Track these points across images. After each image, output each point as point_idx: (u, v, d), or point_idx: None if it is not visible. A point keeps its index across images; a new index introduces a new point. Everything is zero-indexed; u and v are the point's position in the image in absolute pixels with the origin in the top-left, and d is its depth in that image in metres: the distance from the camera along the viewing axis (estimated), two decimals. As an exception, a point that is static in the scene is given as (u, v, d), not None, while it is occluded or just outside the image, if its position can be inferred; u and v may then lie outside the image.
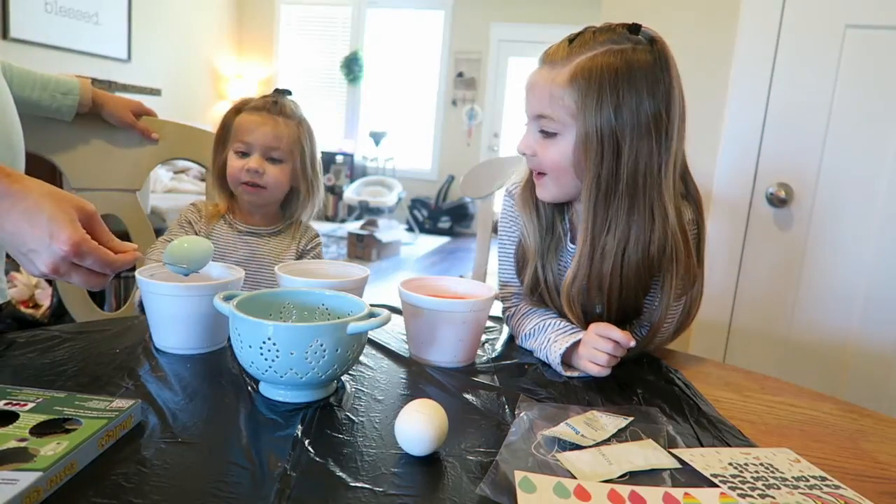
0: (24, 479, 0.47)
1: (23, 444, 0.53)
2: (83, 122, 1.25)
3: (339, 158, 6.98)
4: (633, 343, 0.85)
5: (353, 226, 5.73)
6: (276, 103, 1.18)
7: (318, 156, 1.26)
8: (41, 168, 1.18)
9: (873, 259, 1.63)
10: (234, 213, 1.22)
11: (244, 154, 1.16)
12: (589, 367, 0.85)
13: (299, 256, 1.23)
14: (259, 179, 1.15)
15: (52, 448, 0.52)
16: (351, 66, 7.10)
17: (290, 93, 1.23)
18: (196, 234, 1.17)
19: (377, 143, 6.88)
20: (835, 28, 1.59)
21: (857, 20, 1.58)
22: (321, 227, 6.44)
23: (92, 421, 0.57)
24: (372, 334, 0.95)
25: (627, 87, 0.83)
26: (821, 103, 1.63)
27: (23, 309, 2.16)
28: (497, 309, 1.20)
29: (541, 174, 0.92)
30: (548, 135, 0.89)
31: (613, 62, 0.84)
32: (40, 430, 0.55)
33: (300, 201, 1.23)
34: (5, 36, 4.27)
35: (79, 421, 0.57)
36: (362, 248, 5.25)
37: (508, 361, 0.90)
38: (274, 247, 1.20)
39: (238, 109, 1.19)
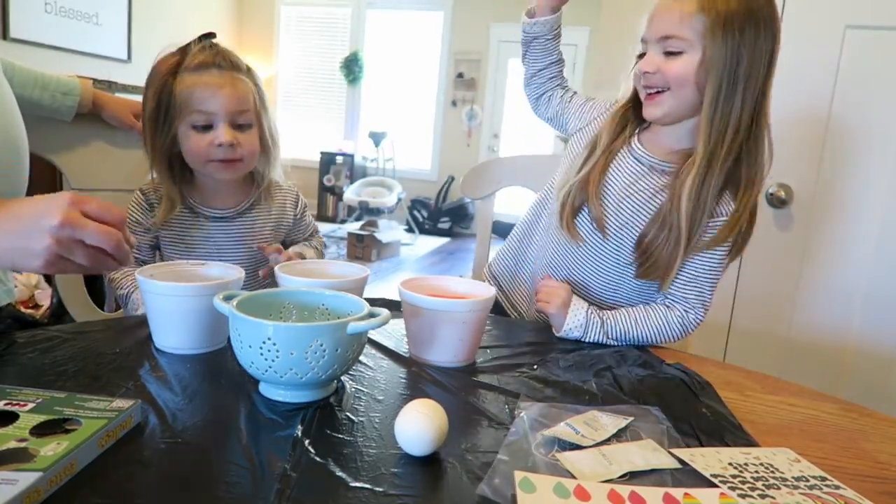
0: (24, 479, 0.47)
1: (23, 445, 0.52)
2: (83, 123, 1.25)
3: (339, 159, 6.98)
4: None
5: (353, 226, 5.73)
6: (220, 54, 1.00)
7: (266, 101, 1.10)
8: (41, 168, 1.19)
9: (873, 259, 1.63)
10: (194, 194, 1.06)
11: (205, 127, 0.99)
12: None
13: (294, 226, 1.15)
14: (234, 153, 1.00)
15: (51, 448, 0.52)
16: (351, 67, 7.10)
17: (215, 35, 1.05)
18: (154, 237, 1.06)
19: (377, 143, 6.88)
20: (835, 28, 1.59)
21: (857, 20, 1.58)
22: (321, 227, 6.42)
23: (92, 421, 0.57)
24: (372, 334, 0.94)
25: (749, 20, 0.94)
26: (821, 103, 1.63)
27: (23, 309, 2.16)
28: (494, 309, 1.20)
29: (659, 92, 1.00)
30: (672, 54, 0.97)
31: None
32: (40, 431, 0.55)
33: (268, 160, 1.09)
34: (5, 36, 4.27)
35: (79, 421, 0.57)
36: (362, 248, 5.25)
37: (508, 361, 0.90)
38: (249, 227, 1.09)
39: (173, 72, 0.99)
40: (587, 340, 1.01)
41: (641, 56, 1.02)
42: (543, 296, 1.04)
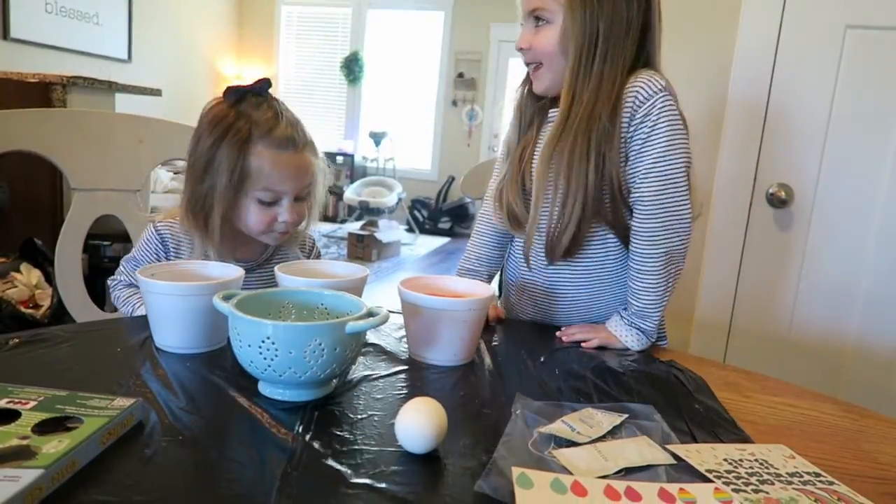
0: (27, 476, 0.47)
1: (25, 442, 0.53)
2: (83, 122, 1.25)
3: (340, 159, 6.98)
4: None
5: (353, 226, 5.73)
6: (296, 129, 0.98)
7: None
8: (41, 168, 1.19)
9: (873, 259, 1.63)
10: (214, 241, 1.01)
11: (271, 203, 0.98)
12: None
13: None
14: (292, 228, 1.02)
15: (53, 446, 0.52)
16: (351, 67, 7.10)
17: (270, 84, 1.01)
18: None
19: (377, 143, 6.89)
20: (835, 28, 1.59)
21: (857, 20, 1.58)
22: (322, 227, 6.44)
23: (93, 419, 0.57)
24: (371, 333, 0.95)
25: None
26: (821, 103, 1.63)
27: (23, 309, 2.16)
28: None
29: (537, 68, 1.02)
30: (540, 24, 1.00)
31: None
32: (42, 429, 0.55)
33: (307, 220, 1.08)
34: (5, 36, 4.27)
35: (80, 419, 0.57)
36: (362, 248, 5.25)
37: (506, 360, 0.90)
38: (270, 272, 1.03)
39: (248, 135, 0.94)
40: (652, 340, 1.02)
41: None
42: (582, 336, 1.01)
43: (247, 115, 0.96)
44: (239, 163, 0.94)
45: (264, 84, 0.99)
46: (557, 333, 1.03)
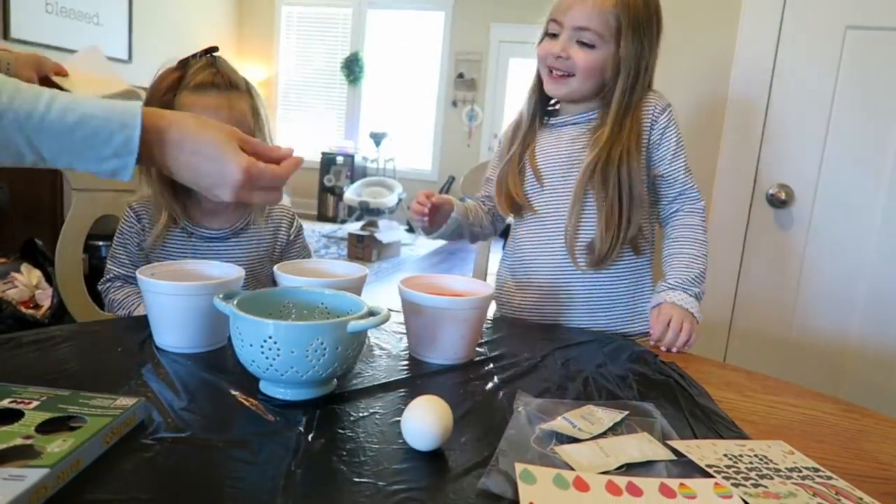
0: (31, 475, 0.48)
1: (28, 442, 0.53)
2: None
3: (340, 159, 6.98)
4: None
5: (354, 226, 5.73)
6: (220, 73, 1.01)
7: (267, 115, 1.13)
8: (41, 168, 1.20)
9: (873, 260, 1.63)
10: (189, 214, 1.05)
11: None
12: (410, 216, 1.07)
13: (287, 247, 1.15)
14: None
15: (57, 445, 0.52)
16: (351, 67, 7.10)
17: (217, 49, 1.06)
18: (146, 254, 1.04)
19: (377, 143, 6.89)
20: (835, 28, 1.59)
21: (857, 21, 1.58)
22: (322, 227, 6.44)
23: (96, 419, 0.57)
24: (371, 333, 0.95)
25: (651, 19, 1.07)
26: (821, 104, 1.63)
27: (23, 309, 2.16)
28: (492, 309, 1.21)
29: (566, 75, 1.09)
30: (584, 44, 1.06)
31: (646, 7, 1.06)
32: (45, 428, 0.55)
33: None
34: (6, 36, 4.27)
35: (83, 419, 0.57)
36: (362, 248, 5.25)
37: (507, 358, 0.90)
38: (244, 248, 1.09)
39: (173, 89, 0.99)
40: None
41: (551, 35, 1.09)
42: (677, 339, 1.03)
43: (180, 70, 1.03)
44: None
45: (212, 48, 1.05)
46: (659, 346, 1.03)
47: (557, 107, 1.20)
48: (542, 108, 1.19)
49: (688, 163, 1.13)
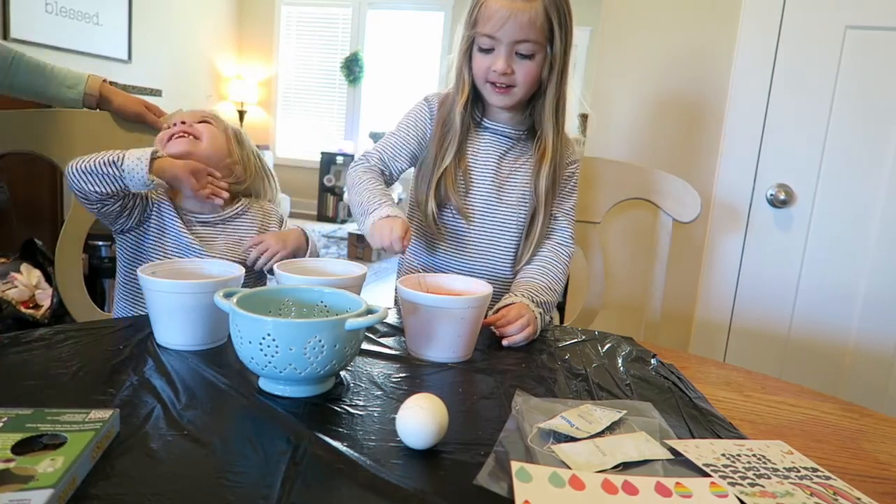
0: (37, 498, 0.46)
1: (9, 465, 0.50)
2: (83, 122, 1.25)
3: (340, 159, 6.98)
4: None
5: (354, 226, 5.73)
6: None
7: (250, 143, 1.29)
8: (41, 168, 1.21)
9: (873, 259, 1.63)
10: (179, 201, 1.17)
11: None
12: (372, 240, 1.03)
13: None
14: (189, 128, 1.17)
15: (48, 465, 0.50)
16: (351, 67, 7.10)
17: None
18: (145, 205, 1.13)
19: (377, 143, 6.88)
20: (835, 28, 1.59)
21: (857, 21, 1.58)
22: (322, 227, 6.44)
23: (77, 435, 0.55)
24: (369, 331, 0.95)
25: (569, 10, 1.09)
26: (821, 104, 1.63)
27: (23, 309, 2.16)
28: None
29: (509, 87, 1.10)
30: (524, 56, 1.07)
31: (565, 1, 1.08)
32: (20, 450, 0.52)
33: (245, 179, 1.23)
34: (6, 36, 4.27)
35: (59, 436, 0.54)
36: (362, 248, 5.26)
37: (505, 357, 0.91)
38: (231, 233, 1.17)
39: None
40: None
41: (485, 50, 1.09)
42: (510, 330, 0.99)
43: None
44: None
45: None
46: (505, 342, 0.97)
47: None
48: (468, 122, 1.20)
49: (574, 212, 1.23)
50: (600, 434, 0.67)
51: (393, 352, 0.89)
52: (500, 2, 1.04)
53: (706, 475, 0.60)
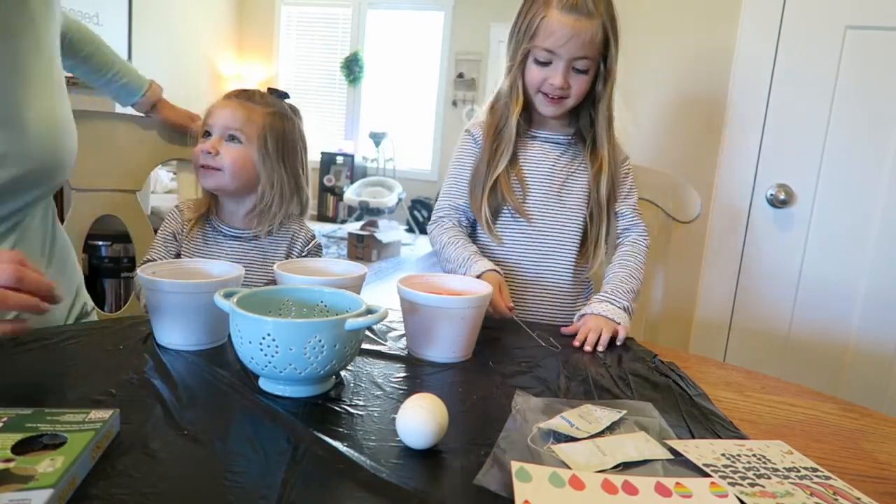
0: (37, 498, 0.46)
1: (9, 465, 0.50)
2: (83, 122, 1.25)
3: (340, 159, 6.98)
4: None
5: (354, 226, 5.73)
6: (246, 91, 1.15)
7: (299, 151, 1.17)
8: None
9: (873, 259, 1.63)
10: (218, 213, 1.16)
11: (207, 135, 1.11)
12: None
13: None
14: (213, 161, 1.07)
15: (48, 465, 0.50)
16: (351, 67, 7.11)
17: (286, 95, 1.19)
18: (179, 246, 1.13)
19: (377, 143, 6.89)
20: (835, 28, 1.59)
21: (857, 21, 1.58)
22: (322, 227, 6.44)
23: (77, 435, 0.54)
24: (369, 331, 0.95)
25: (618, 30, 1.13)
26: (821, 104, 1.63)
27: (22, 308, 2.16)
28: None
29: (561, 98, 1.14)
30: (579, 71, 1.12)
31: (616, 13, 1.12)
32: (20, 449, 0.52)
33: (277, 199, 1.13)
34: (6, 36, 4.27)
35: (59, 436, 0.54)
36: (362, 248, 5.25)
37: (505, 356, 0.91)
38: (261, 251, 1.14)
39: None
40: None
41: (542, 63, 1.12)
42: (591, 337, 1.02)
43: None
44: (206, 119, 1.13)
45: (275, 90, 1.19)
46: (577, 343, 1.00)
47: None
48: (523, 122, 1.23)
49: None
50: (600, 434, 0.67)
51: (393, 352, 0.89)
52: (564, 19, 1.07)
53: (706, 475, 0.60)
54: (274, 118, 1.12)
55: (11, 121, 0.83)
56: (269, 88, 1.18)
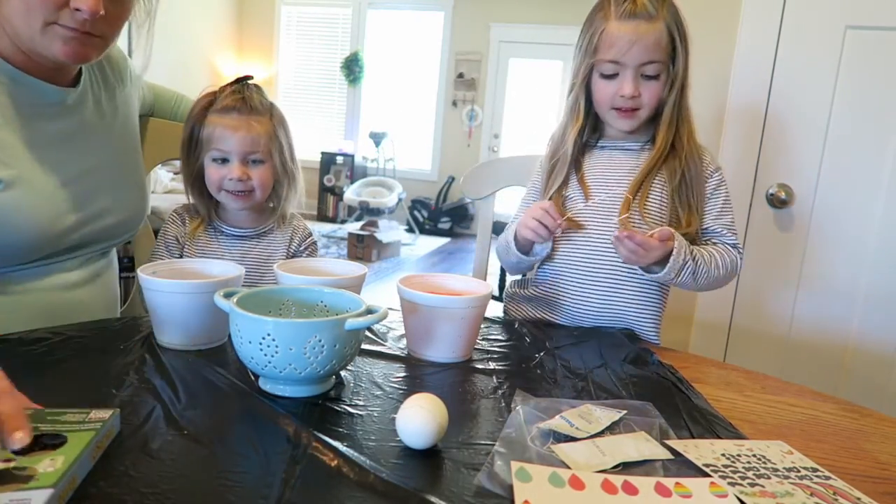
0: (37, 497, 0.45)
1: (10, 465, 0.49)
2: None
3: (340, 159, 6.98)
4: (560, 222, 1.03)
5: (354, 226, 5.73)
6: (243, 100, 1.12)
7: (293, 142, 1.19)
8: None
9: (873, 259, 1.63)
10: (219, 215, 1.17)
11: (223, 160, 1.10)
12: (522, 231, 1.08)
13: (290, 258, 1.20)
14: (245, 187, 1.11)
15: (48, 465, 0.49)
16: (351, 67, 7.11)
17: (251, 78, 1.17)
18: (182, 248, 1.14)
19: (377, 143, 6.89)
20: (835, 28, 1.59)
21: (857, 21, 1.58)
22: (322, 227, 6.44)
23: (77, 434, 0.54)
24: (369, 331, 0.95)
25: (684, 27, 1.09)
26: (821, 103, 1.63)
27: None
28: (492, 310, 1.20)
29: (634, 110, 1.10)
30: (649, 77, 1.08)
31: (681, 15, 1.09)
32: (20, 449, 0.51)
33: (284, 193, 1.18)
34: (6, 35, 4.27)
35: (60, 436, 0.54)
36: (362, 248, 5.26)
37: (505, 356, 0.91)
38: (263, 248, 1.17)
39: (205, 110, 1.12)
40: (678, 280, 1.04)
41: (608, 76, 1.08)
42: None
43: (213, 94, 1.14)
44: (195, 130, 1.12)
45: (247, 77, 1.17)
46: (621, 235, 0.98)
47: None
48: (587, 134, 1.18)
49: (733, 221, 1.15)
50: (600, 434, 0.67)
51: (393, 352, 0.89)
52: (624, 27, 1.04)
53: (706, 475, 0.60)
54: (273, 121, 1.14)
55: (117, 184, 1.09)
56: (238, 79, 1.15)
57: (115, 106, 1.13)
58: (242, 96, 1.12)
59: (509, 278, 1.30)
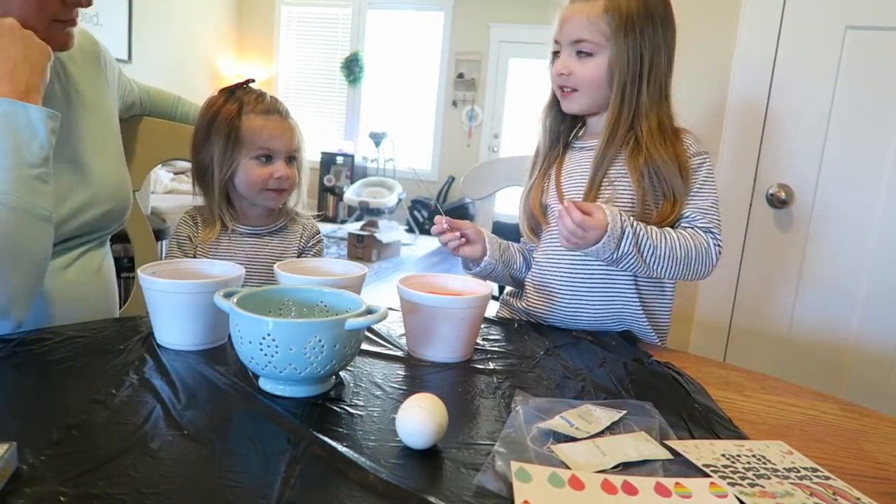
0: None
1: None
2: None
3: (340, 159, 6.98)
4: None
5: (354, 226, 5.73)
6: (276, 103, 1.18)
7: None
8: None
9: (873, 259, 1.63)
10: (235, 215, 1.19)
11: (267, 159, 1.14)
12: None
13: (300, 254, 1.23)
14: (288, 184, 1.17)
15: None
16: (351, 67, 7.11)
17: (253, 81, 1.22)
18: (195, 248, 1.15)
19: (377, 143, 6.89)
20: (835, 28, 1.59)
21: (857, 21, 1.58)
22: (322, 227, 6.42)
23: None
24: (369, 331, 0.95)
25: (647, 20, 1.04)
26: (821, 104, 1.63)
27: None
28: (492, 310, 1.20)
29: (573, 90, 1.09)
30: (583, 55, 1.06)
31: (652, 6, 1.04)
32: None
33: (299, 190, 1.24)
34: (6, 36, 4.27)
35: None
36: (362, 248, 5.26)
37: (505, 357, 0.91)
38: (276, 246, 1.19)
39: (238, 110, 1.14)
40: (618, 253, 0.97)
41: (556, 54, 1.10)
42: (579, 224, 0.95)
43: (237, 97, 1.17)
44: (233, 133, 1.13)
45: (249, 80, 1.21)
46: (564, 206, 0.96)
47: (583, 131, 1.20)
48: (566, 130, 1.18)
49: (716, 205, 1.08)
50: (600, 434, 0.67)
51: (393, 352, 0.89)
52: (567, 8, 1.07)
53: (706, 475, 0.60)
54: (294, 123, 1.19)
55: (88, 178, 1.04)
56: (244, 84, 1.19)
57: (80, 91, 1.07)
58: (271, 99, 1.18)
59: (507, 287, 1.31)
